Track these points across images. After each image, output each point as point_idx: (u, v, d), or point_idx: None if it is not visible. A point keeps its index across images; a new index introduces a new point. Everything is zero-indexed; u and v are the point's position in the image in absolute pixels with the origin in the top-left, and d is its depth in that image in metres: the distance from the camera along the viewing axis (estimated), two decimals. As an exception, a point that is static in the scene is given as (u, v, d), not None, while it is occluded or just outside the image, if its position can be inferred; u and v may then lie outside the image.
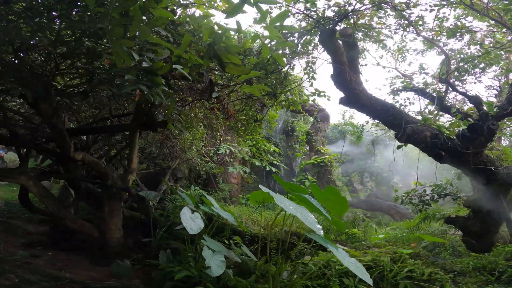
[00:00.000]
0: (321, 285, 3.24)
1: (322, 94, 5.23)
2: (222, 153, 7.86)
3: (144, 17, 1.83)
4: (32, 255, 4.34)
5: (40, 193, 4.27)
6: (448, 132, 4.56)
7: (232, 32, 2.46)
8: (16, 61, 2.71)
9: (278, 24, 2.03)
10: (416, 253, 4.05)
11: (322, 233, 2.36)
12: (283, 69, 4.42)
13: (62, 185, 5.81)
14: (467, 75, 7.83)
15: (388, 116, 4.83)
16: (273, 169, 8.72)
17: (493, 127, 4.00)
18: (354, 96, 4.95)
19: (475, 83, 7.25)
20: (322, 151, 10.61)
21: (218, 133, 8.50)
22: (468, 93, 5.11)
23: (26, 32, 2.46)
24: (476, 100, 4.39)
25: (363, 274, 2.47)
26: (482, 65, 7.96)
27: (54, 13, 2.14)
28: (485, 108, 4.46)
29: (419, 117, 6.11)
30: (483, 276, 3.57)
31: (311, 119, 13.35)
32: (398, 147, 4.55)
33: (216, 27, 2.09)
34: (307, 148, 12.28)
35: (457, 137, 4.21)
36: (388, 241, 4.55)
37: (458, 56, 7.51)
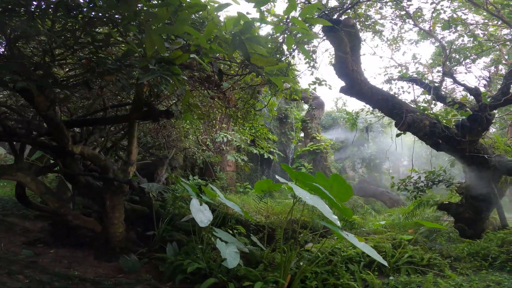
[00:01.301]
0: (328, 271, 3.37)
1: (323, 83, 5.21)
2: (219, 141, 7.80)
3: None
4: (36, 254, 4.25)
5: (40, 190, 4.14)
6: (445, 121, 4.68)
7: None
8: (11, 52, 2.52)
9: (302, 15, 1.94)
10: (414, 239, 4.24)
11: (339, 223, 2.42)
12: (288, 58, 4.34)
13: (59, 180, 5.64)
14: (458, 65, 8.01)
15: (388, 105, 4.90)
16: (271, 157, 8.77)
17: (489, 117, 4.14)
18: (356, 85, 4.98)
19: (466, 73, 7.43)
20: (318, 138, 10.71)
21: (214, 121, 8.42)
22: (468, 85, 5.22)
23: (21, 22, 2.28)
24: (476, 92, 4.51)
25: (376, 256, 2.59)
26: (473, 56, 8.13)
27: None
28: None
29: (413, 106, 6.25)
30: (477, 262, 3.79)
31: (305, 106, 13.36)
32: (397, 135, 4.65)
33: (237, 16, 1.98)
34: (302, 135, 12.36)
35: (457, 126, 4.34)
36: (386, 227, 4.74)
37: (450, 47, 7.62)
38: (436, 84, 6.75)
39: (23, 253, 4.15)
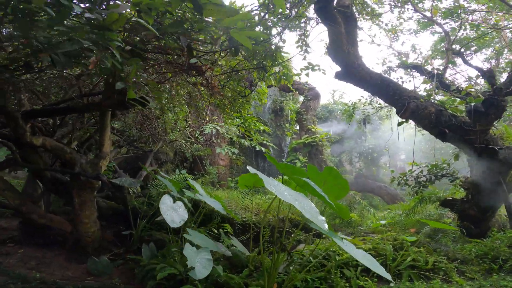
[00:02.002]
0: (321, 278, 2.95)
1: (316, 68, 4.74)
2: (208, 134, 7.31)
3: None
4: (3, 254, 3.92)
5: (-2, 185, 3.68)
6: (451, 109, 4.25)
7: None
8: None
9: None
10: (417, 240, 3.83)
11: (326, 226, 1.99)
12: (274, 40, 3.86)
13: (28, 176, 5.17)
14: (458, 56, 7.61)
15: (389, 91, 4.44)
16: (263, 149, 8.31)
17: (503, 104, 3.69)
18: (352, 69, 4.51)
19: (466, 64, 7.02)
20: (313, 130, 10.24)
21: (204, 112, 7.93)
22: (479, 67, 4.77)
23: None
24: (490, 74, 4.06)
25: (377, 268, 2.16)
26: (474, 47, 7.76)
27: None
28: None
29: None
30: (485, 264, 3.41)
31: (301, 98, 12.89)
32: (399, 124, 4.21)
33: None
34: (297, 128, 11.89)
35: (468, 113, 3.90)
36: (385, 227, 4.33)
37: (454, 34, 7.20)
38: (440, 72, 6.32)
39: (-14, 253, 3.75)
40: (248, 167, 2.35)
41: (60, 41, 1.85)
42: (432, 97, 4.18)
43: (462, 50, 6.37)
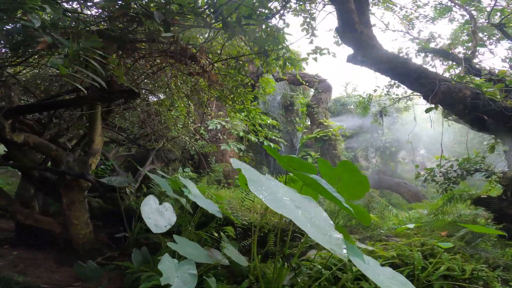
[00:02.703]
0: (334, 294, 2.46)
1: (324, 51, 4.18)
2: (213, 129, 6.91)
3: None
4: None
5: (-18, 185, 3.46)
6: (488, 93, 3.59)
7: None
8: None
9: None
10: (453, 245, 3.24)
11: (344, 251, 1.35)
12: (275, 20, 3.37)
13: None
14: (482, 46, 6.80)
15: (412, 74, 3.83)
16: (272, 145, 7.82)
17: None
18: (367, 51, 3.93)
19: (491, 52, 6.26)
20: (325, 123, 9.61)
21: (209, 108, 7.55)
22: None
23: None
24: None
25: None
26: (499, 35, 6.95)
27: None
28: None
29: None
30: None
31: (312, 92, 12.28)
32: (427, 110, 3.61)
33: None
34: (308, 122, 11.28)
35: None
36: (411, 229, 3.75)
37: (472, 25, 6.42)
38: (468, 55, 5.60)
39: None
40: (232, 160, 1.88)
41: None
42: (465, 79, 3.54)
43: (478, 49, 5.62)
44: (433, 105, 3.47)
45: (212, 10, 2.54)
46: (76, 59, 1.59)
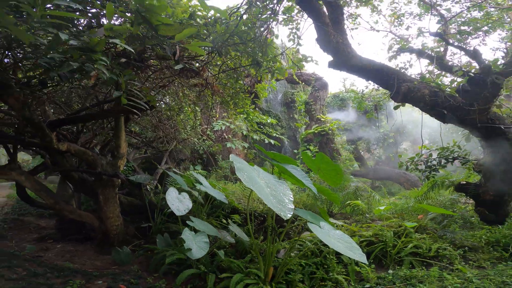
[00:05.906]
0: (317, 263, 3.14)
1: (309, 59, 4.82)
2: (219, 130, 7.64)
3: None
4: (43, 249, 4.50)
5: (34, 187, 4.25)
6: (449, 90, 4.16)
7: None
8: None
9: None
10: (423, 226, 3.81)
11: (289, 215, 1.89)
12: (262, 36, 4.02)
13: (60, 178, 5.83)
14: (470, 38, 7.19)
15: (383, 76, 4.43)
16: (272, 142, 8.50)
17: (498, 81, 3.57)
18: (343, 58, 4.54)
19: (479, 45, 6.63)
20: (322, 119, 10.23)
21: (214, 111, 8.26)
22: (465, 48, 4.60)
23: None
24: (475, 54, 3.93)
25: (353, 251, 2.26)
26: (485, 28, 7.31)
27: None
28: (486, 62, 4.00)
29: (414, 77, 5.70)
30: (496, 252, 3.30)
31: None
32: (395, 108, 4.22)
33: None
34: (308, 118, 11.91)
35: (457, 92, 3.83)
36: (393, 213, 4.34)
37: (458, 19, 6.82)
38: (440, 54, 6.11)
39: (27, 249, 4.37)
40: (231, 155, 2.57)
41: (63, 60, 2.20)
42: (428, 79, 4.10)
43: (468, 41, 6.05)
44: (398, 103, 4.07)
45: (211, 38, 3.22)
46: (124, 89, 2.32)
